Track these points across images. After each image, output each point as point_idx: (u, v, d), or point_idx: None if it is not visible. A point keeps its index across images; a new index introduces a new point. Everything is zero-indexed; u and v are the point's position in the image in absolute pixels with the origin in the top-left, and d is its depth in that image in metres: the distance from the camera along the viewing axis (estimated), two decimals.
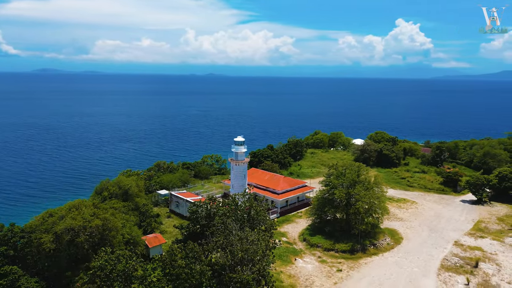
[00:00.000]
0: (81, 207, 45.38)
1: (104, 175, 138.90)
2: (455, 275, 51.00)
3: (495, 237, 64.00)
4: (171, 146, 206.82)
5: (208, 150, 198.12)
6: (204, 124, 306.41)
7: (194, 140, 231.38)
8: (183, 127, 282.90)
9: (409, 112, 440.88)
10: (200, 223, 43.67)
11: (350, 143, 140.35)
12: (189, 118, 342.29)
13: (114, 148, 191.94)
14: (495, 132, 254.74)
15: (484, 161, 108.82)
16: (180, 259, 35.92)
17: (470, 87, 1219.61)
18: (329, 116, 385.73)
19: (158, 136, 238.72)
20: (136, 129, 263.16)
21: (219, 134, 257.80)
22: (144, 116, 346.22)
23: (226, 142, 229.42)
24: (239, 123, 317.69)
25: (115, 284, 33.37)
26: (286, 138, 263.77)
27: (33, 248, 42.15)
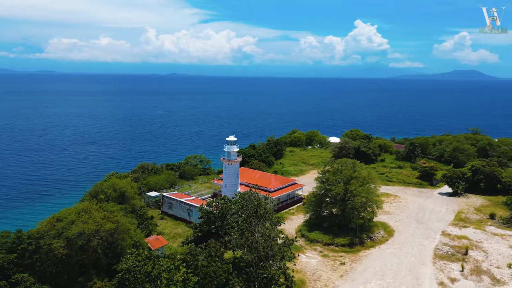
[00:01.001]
0: (91, 210, 44.04)
1: (70, 180, 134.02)
2: (449, 263, 54.33)
3: (477, 226, 68.56)
4: (140, 148, 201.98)
5: (178, 151, 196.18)
6: (171, 125, 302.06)
7: (163, 141, 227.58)
8: (151, 128, 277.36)
9: (372, 111, 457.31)
10: (215, 223, 43.76)
11: (326, 141, 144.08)
12: (155, 119, 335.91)
13: (79, 151, 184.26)
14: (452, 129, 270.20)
15: (454, 156, 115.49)
16: (203, 259, 36.01)
17: (425, 86, 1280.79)
18: (298, 115, 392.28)
19: (124, 138, 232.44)
20: (100, 131, 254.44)
21: (187, 134, 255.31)
22: (107, 117, 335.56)
23: (196, 142, 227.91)
24: (207, 123, 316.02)
25: (146, 285, 32.90)
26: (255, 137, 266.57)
27: (42, 255, 40.49)
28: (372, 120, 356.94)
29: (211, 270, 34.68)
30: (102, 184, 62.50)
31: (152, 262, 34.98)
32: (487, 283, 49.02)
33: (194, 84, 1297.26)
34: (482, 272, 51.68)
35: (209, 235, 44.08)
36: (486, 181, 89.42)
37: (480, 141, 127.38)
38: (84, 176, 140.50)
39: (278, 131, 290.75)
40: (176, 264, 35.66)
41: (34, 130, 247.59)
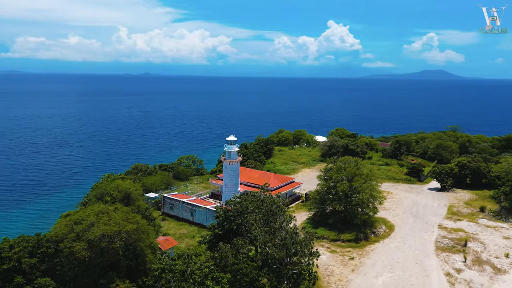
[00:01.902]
0: (109, 212, 43.37)
1: (47, 184, 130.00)
2: (451, 254, 56.81)
3: (470, 219, 71.81)
4: (118, 150, 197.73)
5: (158, 152, 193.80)
6: (148, 126, 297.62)
7: (141, 142, 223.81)
8: (127, 129, 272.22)
9: (348, 110, 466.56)
10: (235, 221, 44.06)
11: (313, 140, 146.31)
12: (131, 120, 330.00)
13: (54, 155, 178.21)
14: (425, 127, 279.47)
15: (437, 153, 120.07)
16: (231, 257, 36.37)
17: (397, 86, 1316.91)
18: (276, 115, 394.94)
19: (101, 139, 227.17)
20: (74, 133, 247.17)
21: (166, 135, 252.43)
22: (81, 118, 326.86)
23: (175, 143, 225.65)
24: (185, 124, 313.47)
25: (182, 284, 32.90)
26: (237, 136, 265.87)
27: (63, 258, 39.60)
28: (348, 119, 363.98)
29: (242, 267, 35.12)
30: (107, 185, 61.31)
31: (186, 260, 35.00)
32: (489, 272, 51.66)
33: (168, 84, 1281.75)
34: (483, 262, 54.38)
35: (228, 233, 44.34)
36: (472, 176, 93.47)
37: (459, 138, 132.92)
38: (62, 180, 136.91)
39: (258, 131, 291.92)
40: (207, 264, 35.80)
41: (3, 133, 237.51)
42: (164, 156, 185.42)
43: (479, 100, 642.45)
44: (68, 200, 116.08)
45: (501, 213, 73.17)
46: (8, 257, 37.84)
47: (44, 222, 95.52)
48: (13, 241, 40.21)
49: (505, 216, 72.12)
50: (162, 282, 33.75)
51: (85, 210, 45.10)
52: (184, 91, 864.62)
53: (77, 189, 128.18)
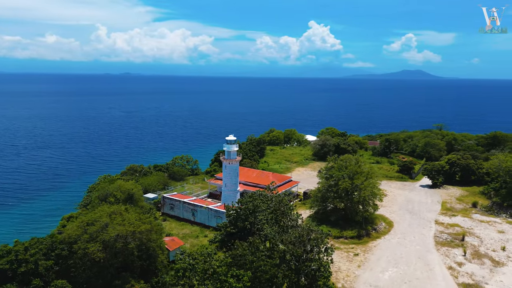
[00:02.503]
0: (122, 212, 42.98)
1: (30, 187, 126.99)
2: (451, 249, 58.61)
3: (464, 214, 74.12)
4: (101, 151, 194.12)
5: (143, 153, 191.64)
6: (131, 126, 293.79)
7: (125, 143, 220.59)
8: (110, 130, 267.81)
9: (331, 109, 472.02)
10: (247, 220, 44.33)
11: (303, 139, 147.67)
12: (113, 120, 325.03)
13: (34, 157, 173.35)
14: (408, 126, 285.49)
15: (426, 151, 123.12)
16: (250, 255, 36.69)
17: (377, 86, 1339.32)
18: (261, 115, 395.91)
19: (83, 140, 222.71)
20: (55, 134, 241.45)
21: (150, 136, 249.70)
22: (61, 119, 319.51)
23: (159, 144, 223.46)
24: (169, 124, 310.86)
25: (206, 282, 32.98)
26: (220, 137, 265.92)
27: (77, 260, 39.06)
28: (332, 118, 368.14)
29: (261, 265, 35.49)
30: (108, 186, 60.54)
31: (207, 259, 35.10)
32: (489, 265, 53.58)
33: (150, 84, 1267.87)
34: (482, 256, 56.34)
35: (240, 232, 44.61)
36: (462, 173, 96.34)
37: (445, 136, 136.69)
38: (45, 183, 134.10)
39: (244, 131, 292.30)
40: (225, 261, 36.00)
41: None
42: (149, 157, 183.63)
43: (457, 100, 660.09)
44: (53, 204, 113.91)
45: (493, 208, 75.77)
46: (25, 259, 37.11)
47: (29, 227, 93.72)
48: (28, 243, 39.45)
49: (496, 211, 74.72)
50: (186, 281, 33.75)
51: (95, 211, 44.53)
52: (166, 91, 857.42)
53: (61, 192, 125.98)
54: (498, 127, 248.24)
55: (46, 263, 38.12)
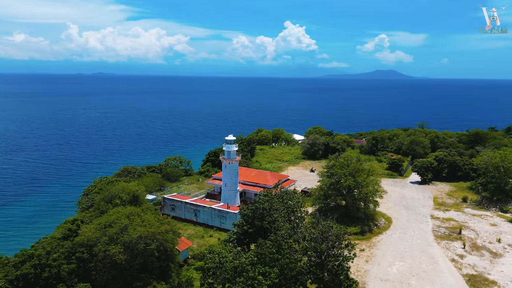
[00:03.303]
0: (140, 213, 42.48)
1: (5, 191, 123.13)
2: (450, 242, 60.96)
3: (456, 209, 77.06)
4: (79, 154, 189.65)
5: (124, 155, 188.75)
6: (110, 127, 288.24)
7: (104, 145, 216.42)
8: (87, 131, 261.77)
9: (310, 109, 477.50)
10: (265, 218, 44.68)
11: (291, 138, 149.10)
12: (90, 121, 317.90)
13: (8, 161, 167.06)
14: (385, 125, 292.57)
15: (411, 148, 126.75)
16: (275, 253, 37.18)
17: (352, 85, 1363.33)
18: (240, 114, 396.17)
19: (59, 143, 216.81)
20: (29, 136, 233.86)
21: (129, 137, 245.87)
22: (34, 120, 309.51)
23: (140, 145, 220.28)
24: (148, 125, 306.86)
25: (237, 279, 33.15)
26: (201, 138, 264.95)
27: (97, 262, 38.37)
28: (311, 118, 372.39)
29: (287, 262, 36.03)
30: (112, 188, 59.48)
31: (236, 257, 35.24)
32: (488, 256, 56.12)
33: (125, 84, 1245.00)
34: (480, 248, 58.91)
35: (258, 231, 44.95)
36: (449, 169, 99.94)
37: (428, 134, 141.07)
38: (23, 187, 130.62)
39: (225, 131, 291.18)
40: (250, 259, 36.27)
41: None
42: (130, 158, 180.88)
43: (431, 99, 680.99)
44: (33, 209, 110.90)
45: (483, 203, 79.11)
46: (48, 264, 36.16)
47: (6, 234, 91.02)
48: (49, 247, 38.43)
49: (486, 205, 78.07)
50: (218, 280, 33.85)
51: (109, 213, 43.81)
52: (142, 91, 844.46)
53: (40, 196, 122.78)
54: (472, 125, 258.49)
55: (69, 267, 37.31)
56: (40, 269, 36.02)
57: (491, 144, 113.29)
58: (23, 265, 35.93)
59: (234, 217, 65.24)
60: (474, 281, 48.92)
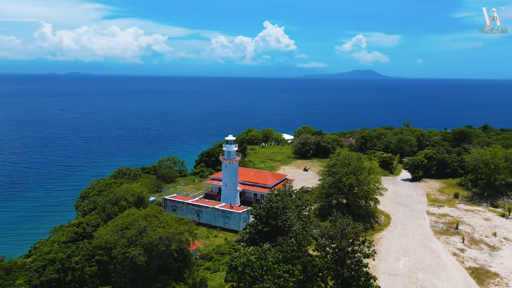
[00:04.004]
0: (156, 214, 42.15)
1: None
2: (449, 237, 63.05)
3: (450, 205, 79.63)
4: (59, 156, 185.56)
5: (106, 157, 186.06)
6: (89, 129, 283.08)
7: (85, 146, 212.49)
8: (66, 133, 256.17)
9: (292, 109, 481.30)
10: (280, 218, 45.15)
11: (281, 138, 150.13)
12: (68, 122, 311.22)
13: None
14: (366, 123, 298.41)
15: (399, 147, 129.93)
16: (296, 250, 37.75)
17: (331, 85, 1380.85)
18: (222, 114, 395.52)
19: (37, 145, 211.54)
20: (4, 139, 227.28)
21: (110, 138, 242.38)
22: (9, 122, 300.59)
23: (122, 146, 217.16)
24: (128, 126, 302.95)
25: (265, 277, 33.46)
26: (186, 138, 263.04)
27: (117, 265, 37.87)
28: (294, 118, 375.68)
29: (309, 259, 36.64)
30: (116, 189, 58.67)
31: (261, 256, 35.53)
32: (486, 250, 58.40)
33: (102, 83, 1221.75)
34: (478, 242, 61.20)
35: (272, 230, 45.37)
36: (438, 167, 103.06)
37: (414, 132, 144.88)
38: (2, 192, 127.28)
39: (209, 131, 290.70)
40: (276, 256, 36.68)
41: None
42: (113, 160, 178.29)
43: (409, 98, 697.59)
44: (15, 214, 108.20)
45: (474, 198, 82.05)
46: (71, 267, 35.47)
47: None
48: (70, 250, 37.66)
49: (477, 200, 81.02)
50: (248, 278, 34.05)
51: (123, 215, 43.27)
52: (120, 91, 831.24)
53: (21, 201, 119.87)
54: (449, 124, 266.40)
55: (91, 269, 36.73)
56: (63, 272, 35.27)
57: (476, 142, 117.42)
58: (45, 269, 35.07)
59: (238, 217, 65.52)
60: (478, 274, 50.88)
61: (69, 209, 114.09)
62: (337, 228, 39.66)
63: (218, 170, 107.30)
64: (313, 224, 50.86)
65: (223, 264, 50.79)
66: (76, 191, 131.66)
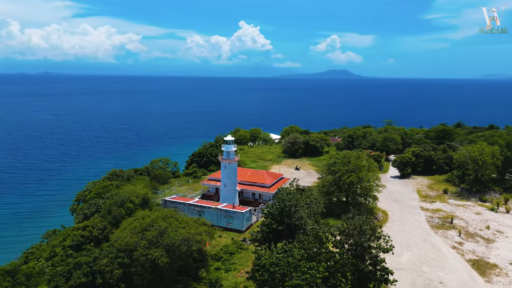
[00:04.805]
0: (174, 215, 41.89)
1: None
2: (446, 231, 65.53)
3: (441, 200, 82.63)
4: (34, 160, 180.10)
5: (85, 159, 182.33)
6: (65, 131, 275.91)
7: (61, 149, 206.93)
8: (38, 135, 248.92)
9: (269, 108, 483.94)
10: (294, 216, 45.75)
11: (269, 138, 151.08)
12: (41, 124, 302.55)
13: None
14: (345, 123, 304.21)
15: (385, 145, 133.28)
16: (319, 248, 38.56)
17: (307, 85, 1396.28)
18: (201, 115, 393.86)
19: (9, 147, 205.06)
20: None
21: (86, 140, 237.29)
22: None
23: (99, 148, 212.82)
24: (105, 127, 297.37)
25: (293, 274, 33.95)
26: (165, 138, 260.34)
27: (139, 267, 37.46)
28: (274, 117, 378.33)
29: (332, 256, 37.50)
30: (119, 191, 57.77)
31: (288, 253, 36.04)
32: (482, 242, 61.10)
33: (74, 83, 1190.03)
34: (473, 235, 63.93)
35: (287, 228, 45.96)
36: (425, 164, 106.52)
37: (397, 131, 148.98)
38: None
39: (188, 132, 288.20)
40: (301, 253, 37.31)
41: None
42: (92, 163, 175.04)
43: (384, 98, 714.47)
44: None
45: (463, 193, 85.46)
46: (100, 271, 34.82)
47: None
48: (96, 252, 36.92)
49: (466, 195, 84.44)
50: (278, 276, 34.48)
51: (138, 217, 42.79)
52: (94, 91, 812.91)
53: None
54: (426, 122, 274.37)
55: (118, 272, 36.18)
56: (91, 276, 34.57)
57: (458, 140, 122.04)
58: (71, 274, 34.21)
59: (241, 217, 65.76)
60: (479, 265, 53.26)
61: (49, 214, 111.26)
62: (355, 225, 40.69)
63: (210, 170, 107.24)
64: (325, 223, 51.84)
65: (234, 263, 51.13)
66: (57, 195, 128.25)
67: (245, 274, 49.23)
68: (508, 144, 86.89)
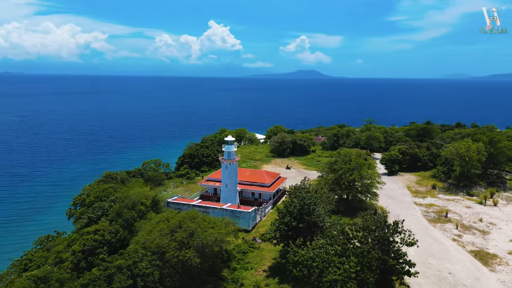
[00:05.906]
0: (200, 216, 41.68)
1: None
2: (443, 224, 68.61)
3: (432, 196, 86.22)
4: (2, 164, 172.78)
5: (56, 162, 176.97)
6: (32, 133, 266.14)
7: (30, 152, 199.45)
8: (5, 138, 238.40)
9: (242, 108, 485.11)
10: (313, 214, 46.62)
11: (255, 138, 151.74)
12: (5, 126, 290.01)
13: None
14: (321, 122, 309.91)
15: (369, 143, 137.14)
16: (347, 243, 39.69)
17: (277, 85, 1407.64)
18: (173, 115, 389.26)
19: None
20: None
21: (56, 143, 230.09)
22: None
23: (71, 151, 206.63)
24: (75, 129, 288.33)
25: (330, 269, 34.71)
26: (140, 141, 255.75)
27: (171, 268, 37.07)
28: (250, 117, 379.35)
29: (361, 251, 38.70)
30: (128, 194, 56.68)
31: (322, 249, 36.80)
32: (479, 234, 64.47)
33: (37, 84, 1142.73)
34: (469, 228, 67.31)
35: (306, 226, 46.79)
36: (410, 161, 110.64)
37: (379, 129, 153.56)
38: None
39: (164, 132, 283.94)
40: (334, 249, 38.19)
41: None
42: (66, 167, 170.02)
43: (353, 98, 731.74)
44: None
45: (450, 188, 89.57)
46: (141, 274, 34.15)
47: None
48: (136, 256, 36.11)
49: (454, 190, 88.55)
50: (316, 271, 35.17)
51: (162, 219, 42.31)
52: (59, 91, 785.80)
53: None
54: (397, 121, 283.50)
55: (157, 273, 35.67)
56: (132, 279, 33.81)
57: (438, 137, 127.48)
58: (111, 278, 33.31)
59: (248, 216, 66.11)
60: (480, 256, 56.27)
61: (27, 220, 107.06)
62: (379, 220, 42.12)
63: (202, 171, 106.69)
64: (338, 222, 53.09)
65: (249, 262, 51.51)
66: (30, 202, 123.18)
67: (262, 273, 49.75)
68: (490, 141, 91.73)
